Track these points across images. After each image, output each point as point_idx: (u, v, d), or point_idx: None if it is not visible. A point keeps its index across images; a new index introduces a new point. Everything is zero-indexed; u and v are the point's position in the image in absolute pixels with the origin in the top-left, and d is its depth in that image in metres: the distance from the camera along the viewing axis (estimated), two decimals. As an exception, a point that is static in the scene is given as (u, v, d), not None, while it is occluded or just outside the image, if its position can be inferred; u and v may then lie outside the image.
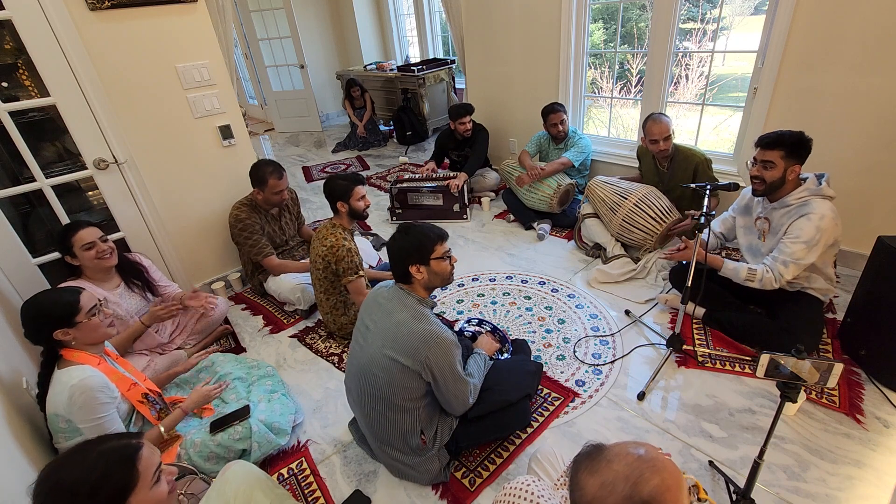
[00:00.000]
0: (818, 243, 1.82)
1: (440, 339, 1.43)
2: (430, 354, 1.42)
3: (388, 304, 1.54)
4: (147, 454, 0.98)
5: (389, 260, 1.57)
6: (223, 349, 2.45)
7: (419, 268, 1.52)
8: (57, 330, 1.50)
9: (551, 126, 3.29)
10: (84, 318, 1.53)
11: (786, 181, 1.89)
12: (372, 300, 1.61)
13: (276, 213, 2.74)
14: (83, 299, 1.55)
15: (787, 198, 1.91)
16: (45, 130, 2.35)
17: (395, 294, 1.55)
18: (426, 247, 1.52)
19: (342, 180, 2.22)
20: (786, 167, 1.85)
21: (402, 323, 1.46)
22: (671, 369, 2.04)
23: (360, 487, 1.67)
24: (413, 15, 6.13)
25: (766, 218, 2.01)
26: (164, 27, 2.34)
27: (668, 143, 2.62)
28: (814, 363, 1.14)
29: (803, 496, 1.50)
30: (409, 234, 1.54)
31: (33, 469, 1.42)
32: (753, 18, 7.36)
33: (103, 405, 1.48)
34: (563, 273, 2.82)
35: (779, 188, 1.91)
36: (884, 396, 1.81)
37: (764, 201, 2.02)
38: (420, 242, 1.52)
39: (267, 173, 2.49)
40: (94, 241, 1.97)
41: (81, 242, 1.94)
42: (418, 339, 1.42)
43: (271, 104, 6.50)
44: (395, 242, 1.55)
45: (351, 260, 2.16)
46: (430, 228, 1.58)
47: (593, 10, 3.32)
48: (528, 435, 1.80)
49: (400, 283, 1.57)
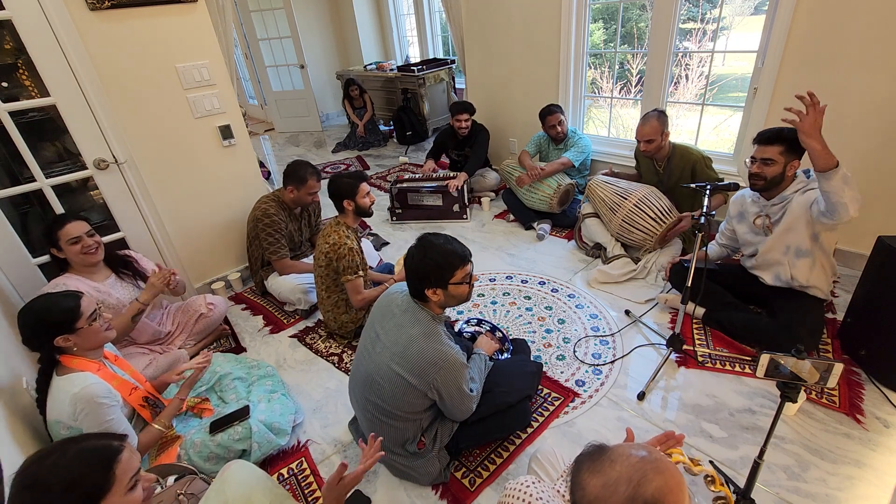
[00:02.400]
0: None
1: (450, 361, 1.41)
2: (438, 377, 1.41)
3: (401, 316, 1.50)
4: (126, 458, 0.97)
5: (408, 273, 1.49)
6: (223, 349, 2.45)
7: (436, 291, 1.45)
8: (57, 337, 1.47)
9: (549, 128, 3.30)
10: (85, 324, 1.50)
11: (785, 177, 1.88)
12: (385, 306, 1.57)
13: (298, 213, 2.76)
14: (84, 305, 1.52)
15: (786, 192, 1.91)
16: (45, 130, 2.35)
17: (409, 306, 1.50)
18: (445, 271, 1.43)
19: (347, 178, 2.24)
20: (786, 162, 1.85)
21: (413, 339, 1.44)
22: (671, 369, 2.04)
23: (359, 487, 1.67)
24: (413, 15, 6.13)
25: (766, 215, 2.00)
26: (164, 27, 2.34)
27: (649, 146, 2.59)
28: (814, 363, 1.14)
29: (803, 496, 1.50)
30: (427, 255, 1.43)
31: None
32: (753, 18, 7.36)
33: (110, 408, 1.46)
34: (563, 273, 2.82)
35: (778, 184, 1.91)
36: (884, 396, 1.81)
37: (760, 200, 2.01)
38: (438, 266, 1.42)
39: (308, 174, 2.56)
40: (80, 236, 1.93)
41: (67, 237, 1.91)
42: (427, 360, 1.41)
43: (271, 104, 6.50)
44: (413, 261, 1.45)
45: (352, 259, 2.16)
46: (451, 250, 1.45)
47: (593, 10, 3.32)
48: (529, 435, 1.80)
49: (415, 298, 1.53)
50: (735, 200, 2.17)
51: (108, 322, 1.60)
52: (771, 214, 1.99)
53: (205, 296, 2.48)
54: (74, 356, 1.52)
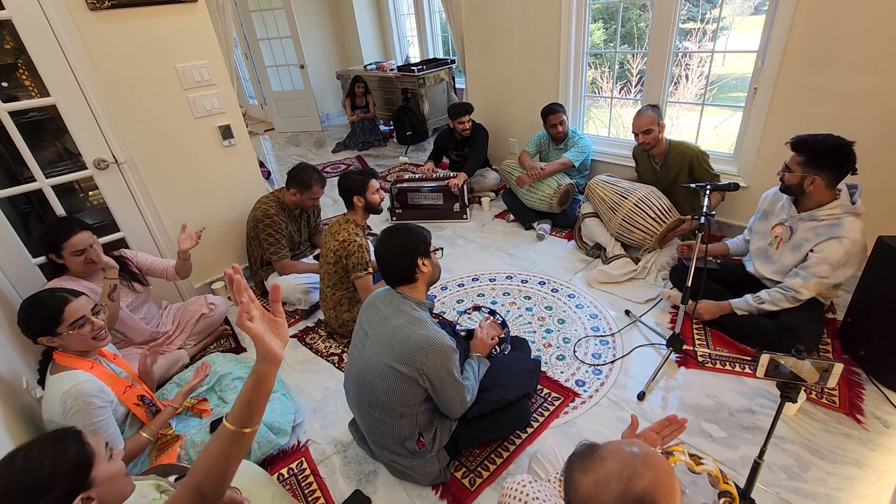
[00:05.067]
0: (845, 264, 1.76)
1: (437, 345, 1.41)
2: (426, 361, 1.41)
3: (385, 310, 1.53)
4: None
5: (390, 261, 1.52)
6: (223, 349, 2.45)
7: (425, 261, 1.53)
8: (40, 336, 1.47)
9: (551, 127, 3.29)
10: (66, 331, 1.47)
11: (805, 191, 1.77)
12: (371, 305, 1.60)
13: (298, 214, 2.76)
14: (68, 311, 1.47)
15: (817, 212, 1.79)
16: (45, 130, 2.35)
17: (392, 299, 1.54)
18: (426, 238, 1.56)
19: (357, 175, 2.26)
20: (803, 175, 1.74)
21: (398, 329, 1.45)
22: (671, 369, 2.04)
23: (360, 487, 1.67)
24: (413, 15, 6.13)
25: (790, 227, 1.92)
26: (164, 27, 2.34)
27: (647, 137, 2.59)
28: (814, 363, 1.14)
29: (803, 496, 1.50)
30: (402, 232, 1.55)
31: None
32: (753, 18, 7.35)
33: (99, 409, 1.45)
34: (563, 273, 2.82)
35: (800, 194, 1.81)
36: (884, 396, 1.81)
37: (791, 208, 1.91)
38: (421, 234, 1.56)
39: (313, 180, 2.56)
40: (85, 248, 1.91)
41: (73, 248, 1.89)
42: (414, 345, 1.41)
43: (271, 104, 6.50)
44: (396, 239, 1.53)
45: (361, 256, 2.18)
46: (416, 226, 1.61)
47: (593, 10, 3.32)
48: (528, 435, 1.80)
49: (398, 287, 1.56)
50: (766, 196, 2.09)
51: (99, 330, 1.55)
52: (795, 230, 1.88)
53: (205, 296, 2.48)
54: (66, 354, 1.51)
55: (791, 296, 1.89)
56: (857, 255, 1.76)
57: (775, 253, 2.00)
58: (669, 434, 1.11)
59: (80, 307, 1.51)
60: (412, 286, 1.55)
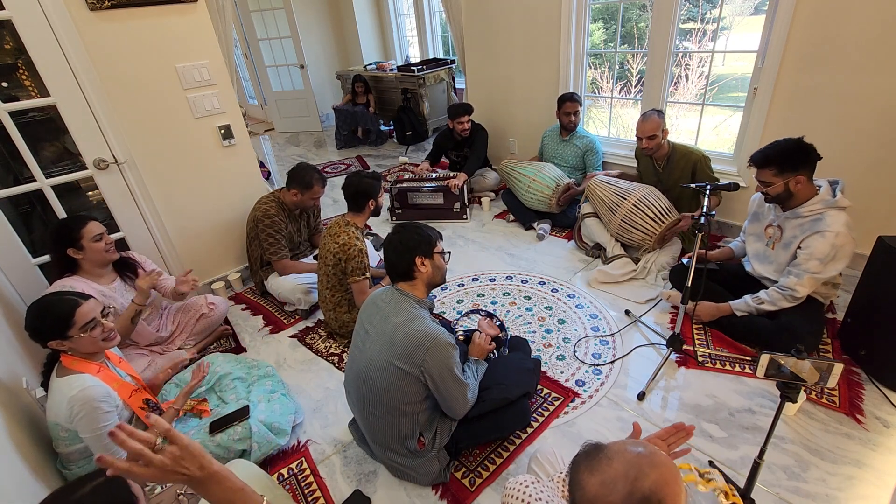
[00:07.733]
0: (835, 258, 1.77)
1: (437, 341, 1.42)
2: (427, 357, 1.41)
3: (386, 308, 1.53)
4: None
5: (391, 256, 1.55)
6: (223, 349, 2.45)
7: (424, 260, 1.53)
8: (51, 340, 1.46)
9: (564, 114, 3.25)
10: (77, 334, 1.47)
11: (792, 193, 1.82)
12: (371, 303, 1.61)
13: (298, 214, 2.76)
14: (79, 314, 1.47)
15: (800, 209, 1.84)
16: (45, 130, 2.35)
17: (393, 296, 1.54)
18: (431, 239, 1.57)
19: (368, 178, 2.27)
20: (784, 181, 1.80)
21: (398, 326, 1.46)
22: (671, 369, 2.04)
23: (360, 487, 1.67)
24: (413, 15, 6.13)
25: (778, 226, 1.96)
26: (164, 27, 2.34)
27: (651, 143, 2.61)
28: (814, 363, 1.14)
29: (803, 496, 1.50)
30: (408, 230, 1.58)
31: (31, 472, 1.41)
32: (753, 18, 7.35)
33: (105, 414, 1.45)
34: (563, 273, 2.82)
35: (788, 198, 1.85)
36: (884, 396, 1.81)
37: (776, 209, 1.97)
38: (427, 234, 1.58)
39: (314, 180, 2.56)
40: (103, 233, 1.97)
41: (91, 234, 1.93)
42: (414, 342, 1.41)
43: (271, 104, 6.50)
44: (400, 236, 1.56)
45: (360, 260, 2.19)
46: (426, 226, 1.62)
47: (593, 10, 3.32)
48: (529, 435, 1.80)
49: (399, 284, 1.57)
50: (755, 199, 2.13)
51: (109, 331, 1.55)
52: (784, 228, 1.93)
53: (205, 296, 2.48)
54: (74, 357, 1.51)
55: (788, 294, 1.90)
56: (846, 248, 1.77)
57: (772, 253, 2.01)
58: (676, 441, 1.09)
59: (91, 310, 1.51)
60: (412, 284, 1.56)
